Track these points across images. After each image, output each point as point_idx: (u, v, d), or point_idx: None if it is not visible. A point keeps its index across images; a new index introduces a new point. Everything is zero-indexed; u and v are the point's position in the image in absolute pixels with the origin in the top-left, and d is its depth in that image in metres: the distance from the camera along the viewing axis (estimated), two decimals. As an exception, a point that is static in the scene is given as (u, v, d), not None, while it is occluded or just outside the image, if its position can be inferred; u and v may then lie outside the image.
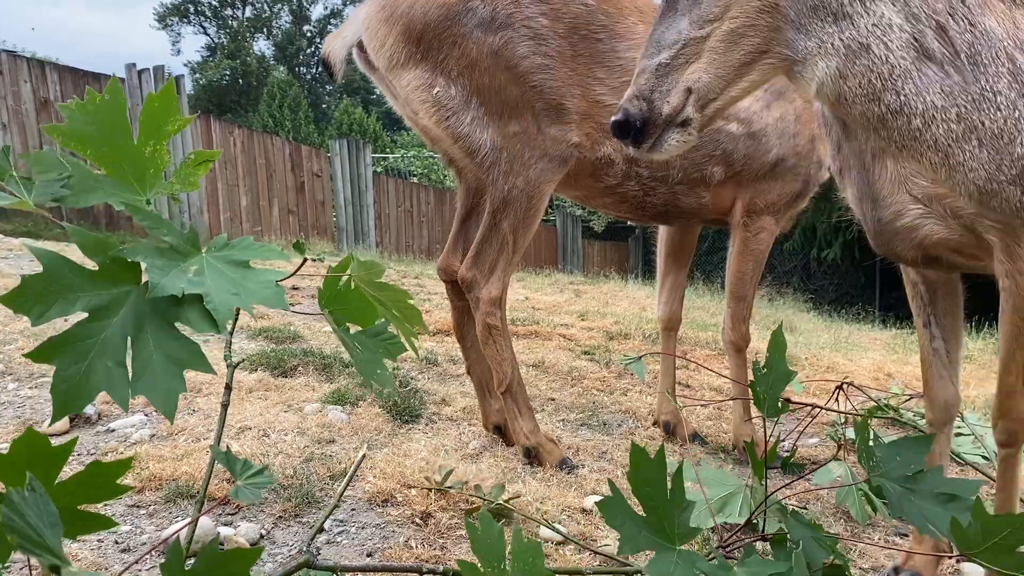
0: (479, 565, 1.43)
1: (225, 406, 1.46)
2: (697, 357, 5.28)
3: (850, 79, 1.58)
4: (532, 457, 3.01)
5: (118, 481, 0.97)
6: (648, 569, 1.52)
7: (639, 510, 1.63)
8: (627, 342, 5.75)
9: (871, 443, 1.76)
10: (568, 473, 2.93)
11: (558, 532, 2.28)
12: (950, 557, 2.42)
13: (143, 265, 1.11)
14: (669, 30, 1.50)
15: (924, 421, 2.46)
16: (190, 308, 1.13)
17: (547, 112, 2.88)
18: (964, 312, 2.38)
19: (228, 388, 1.47)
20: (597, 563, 2.19)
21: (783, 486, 2.14)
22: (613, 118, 1.53)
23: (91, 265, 1.16)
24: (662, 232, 3.73)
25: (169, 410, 1.01)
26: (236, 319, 1.53)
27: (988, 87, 1.61)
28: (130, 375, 1.00)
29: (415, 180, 19.13)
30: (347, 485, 1.59)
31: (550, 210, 21.70)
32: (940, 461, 2.30)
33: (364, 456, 1.71)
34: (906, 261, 2.13)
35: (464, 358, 3.33)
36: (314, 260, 1.43)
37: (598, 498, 2.36)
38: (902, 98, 1.61)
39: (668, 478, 1.62)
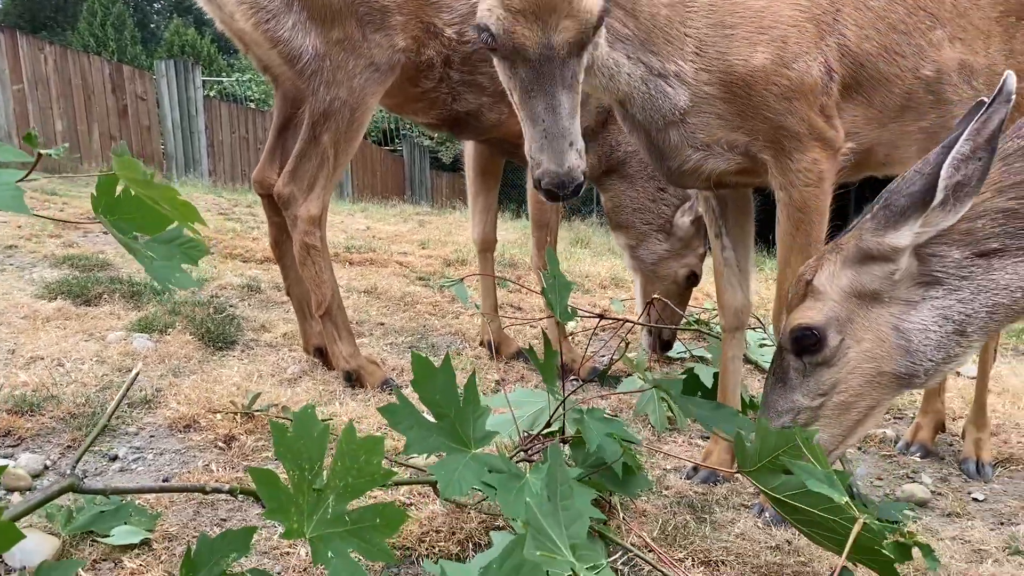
0: (285, 470, 1.34)
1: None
2: (528, 280, 5.37)
3: None
4: (353, 380, 2.97)
5: None
6: (433, 469, 1.52)
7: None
8: (464, 268, 5.76)
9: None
10: (390, 393, 2.92)
11: (368, 449, 2.26)
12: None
13: None
14: (783, 399, 1.67)
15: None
16: None
17: (371, 17, 2.74)
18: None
19: (-30, 302, 1.33)
20: (408, 474, 2.20)
21: (574, 390, 2.21)
22: None
23: None
24: (469, 156, 3.70)
25: None
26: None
27: None
28: None
29: (252, 105, 18.16)
30: (120, 402, 1.50)
31: (397, 140, 21.27)
32: (731, 365, 2.44)
33: (138, 373, 1.62)
34: (700, 188, 2.34)
35: (283, 278, 3.21)
36: (47, 155, 1.30)
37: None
38: None
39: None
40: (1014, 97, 1.45)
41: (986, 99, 1.51)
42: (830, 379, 1.60)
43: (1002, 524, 2.39)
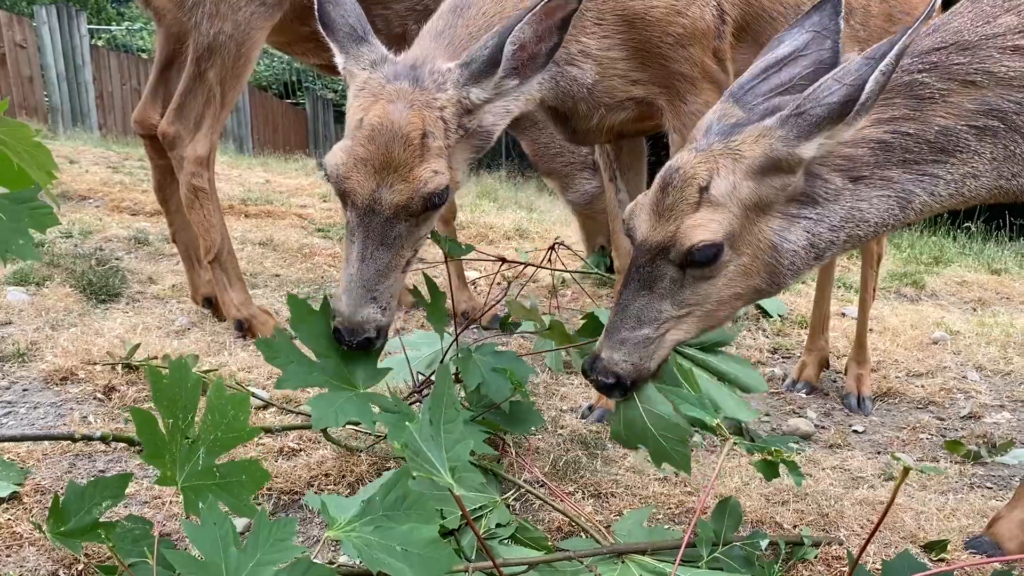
0: (161, 417, 1.33)
1: None
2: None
3: None
4: (245, 330, 2.88)
5: None
6: (311, 401, 1.50)
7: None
8: (366, 220, 5.66)
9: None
10: (284, 344, 2.85)
11: (258, 397, 2.21)
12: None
13: None
14: (648, 307, 1.56)
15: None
16: None
17: None
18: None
19: None
20: (300, 421, 2.15)
21: (464, 328, 2.21)
22: (601, 378, 1.58)
23: None
24: None
25: None
26: None
27: None
28: None
29: (144, 56, 17.29)
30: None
31: (299, 93, 20.64)
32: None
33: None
34: (603, 143, 2.40)
35: (169, 224, 3.08)
36: None
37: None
38: None
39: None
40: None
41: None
42: (705, 291, 1.55)
43: (879, 453, 2.51)
